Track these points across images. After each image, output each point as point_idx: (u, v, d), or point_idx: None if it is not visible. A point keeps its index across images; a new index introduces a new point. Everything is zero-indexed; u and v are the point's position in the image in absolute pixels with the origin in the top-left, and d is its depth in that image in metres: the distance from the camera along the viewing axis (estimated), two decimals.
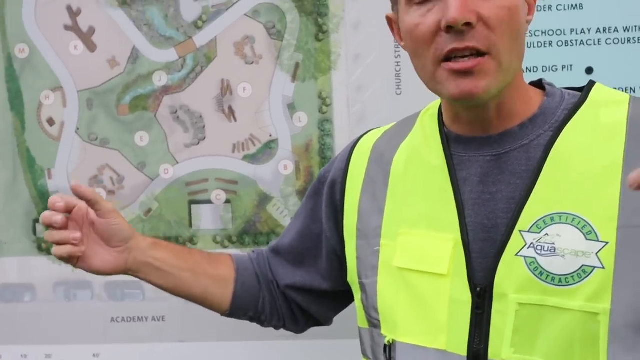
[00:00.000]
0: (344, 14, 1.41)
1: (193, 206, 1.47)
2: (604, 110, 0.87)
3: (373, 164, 1.01)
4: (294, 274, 1.14)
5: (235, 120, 1.45)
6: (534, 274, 0.83)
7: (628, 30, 1.36)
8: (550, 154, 0.86)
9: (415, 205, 0.94)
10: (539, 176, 0.85)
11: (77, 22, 1.46)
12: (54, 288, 1.51)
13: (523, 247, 0.84)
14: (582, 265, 0.81)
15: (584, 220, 0.82)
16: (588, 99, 0.89)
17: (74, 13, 1.46)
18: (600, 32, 1.37)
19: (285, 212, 1.45)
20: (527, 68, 1.38)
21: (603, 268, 0.80)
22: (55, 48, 1.47)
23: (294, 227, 1.15)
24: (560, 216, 0.83)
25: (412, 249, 0.93)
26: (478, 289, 0.86)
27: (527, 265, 0.83)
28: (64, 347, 1.51)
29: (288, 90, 1.43)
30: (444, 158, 0.92)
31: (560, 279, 0.82)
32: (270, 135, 1.45)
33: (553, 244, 0.82)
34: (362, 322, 1.03)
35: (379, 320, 0.97)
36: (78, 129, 1.48)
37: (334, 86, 1.42)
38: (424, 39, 0.84)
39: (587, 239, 0.81)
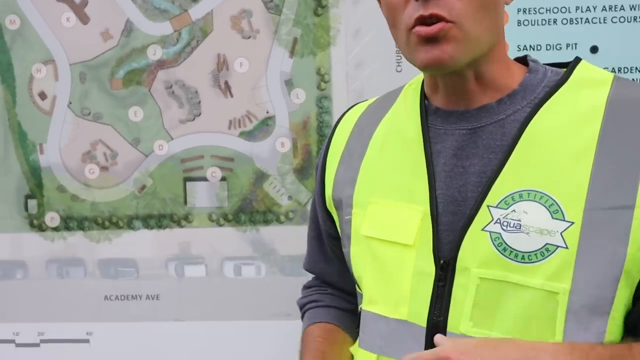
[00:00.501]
0: None
1: (188, 183, 1.44)
2: (585, 92, 0.86)
3: (353, 138, 1.01)
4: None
5: (232, 96, 1.42)
6: (498, 250, 0.83)
7: (634, 9, 1.33)
8: (525, 131, 0.85)
9: (388, 176, 0.93)
10: (511, 152, 0.85)
11: None
12: (46, 265, 1.49)
13: (489, 223, 0.84)
14: (546, 244, 0.81)
15: (552, 198, 0.81)
16: (570, 77, 0.88)
17: None
18: (605, 10, 1.34)
19: (282, 190, 1.43)
20: (530, 46, 1.35)
21: (566, 248, 0.80)
22: (47, 20, 1.43)
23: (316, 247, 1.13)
24: (528, 193, 0.83)
25: (381, 219, 0.93)
26: (442, 261, 0.86)
27: (492, 241, 0.83)
28: (56, 325, 1.49)
29: (286, 66, 1.40)
30: (420, 130, 0.92)
31: (523, 255, 0.82)
32: (267, 112, 1.42)
33: (519, 220, 0.82)
34: (357, 288, 1.02)
35: (361, 289, 0.98)
36: (70, 103, 1.44)
37: (332, 62, 1.39)
38: (396, 7, 0.86)
39: (553, 218, 0.81)
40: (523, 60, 0.93)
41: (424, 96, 0.95)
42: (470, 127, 0.88)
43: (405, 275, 0.89)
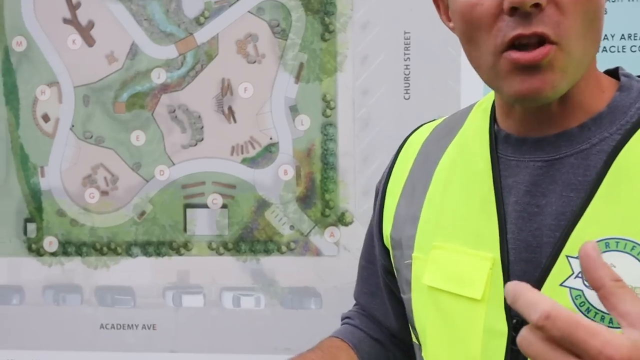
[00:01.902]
0: (352, 12, 1.34)
1: (188, 210, 1.41)
2: None
3: (417, 167, 0.89)
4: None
5: (235, 121, 1.39)
6: (580, 310, 0.70)
7: None
8: (613, 163, 0.71)
9: (454, 215, 0.81)
10: (596, 190, 0.71)
11: (77, 16, 1.41)
12: (43, 291, 1.45)
13: (569, 277, 0.70)
14: None
15: None
16: None
17: (73, 6, 1.41)
18: None
19: (284, 220, 1.38)
20: None
21: None
22: (53, 42, 1.42)
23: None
24: (617, 242, 0.69)
25: (445, 267, 0.80)
26: (514, 320, 0.73)
27: (573, 299, 0.70)
28: (51, 354, 1.45)
29: (291, 91, 1.36)
30: (490, 162, 0.79)
31: (611, 319, 0.66)
32: (271, 139, 1.38)
33: None
34: (414, 338, 0.91)
35: (419, 340, 0.87)
36: (73, 126, 1.42)
37: (339, 89, 1.35)
38: (482, 22, 0.71)
39: None
40: (614, 73, 0.79)
41: (493, 119, 0.82)
42: (548, 158, 0.75)
43: (474, 334, 0.76)
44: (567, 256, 0.71)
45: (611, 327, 0.63)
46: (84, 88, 1.42)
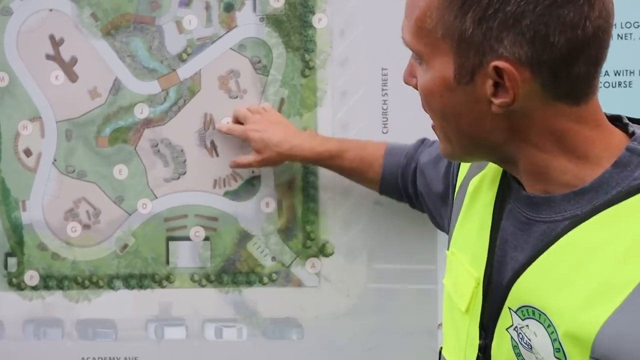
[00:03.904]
0: (331, 50, 1.38)
1: (171, 243, 1.42)
2: None
3: (471, 170, 0.96)
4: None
5: (217, 155, 1.41)
6: (517, 358, 0.78)
7: None
8: (560, 239, 0.74)
9: (468, 230, 0.90)
10: (538, 257, 0.76)
11: (59, 52, 1.43)
12: (23, 325, 1.45)
13: (510, 327, 0.78)
14: None
15: (557, 332, 0.71)
16: None
17: (56, 42, 1.43)
18: None
19: (265, 251, 1.41)
20: None
21: None
22: (36, 77, 1.43)
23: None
24: (540, 314, 0.74)
25: (454, 273, 0.92)
26: (481, 341, 0.83)
27: (512, 347, 0.78)
28: None
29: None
30: (494, 199, 0.85)
31: None
32: (253, 172, 1.41)
33: (530, 340, 0.75)
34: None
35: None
36: (55, 160, 1.43)
37: (319, 123, 1.39)
38: None
39: (555, 355, 0.72)
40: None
41: None
42: (530, 216, 0.79)
43: (463, 338, 0.87)
44: (509, 308, 0.78)
45: None
46: (66, 123, 1.43)
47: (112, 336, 1.43)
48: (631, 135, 0.77)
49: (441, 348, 0.97)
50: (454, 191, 1.01)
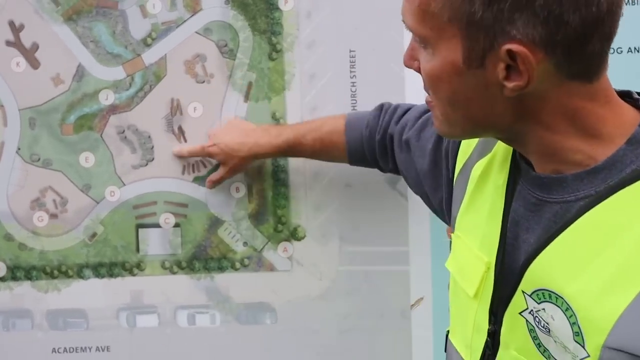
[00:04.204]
0: (298, 32, 1.37)
1: (140, 230, 1.41)
2: None
3: (474, 154, 0.94)
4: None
5: (186, 140, 1.40)
6: (534, 343, 0.76)
7: None
8: (577, 220, 0.72)
9: (475, 213, 0.88)
10: (553, 240, 0.74)
11: (20, 38, 1.39)
12: None
13: (525, 310, 0.76)
14: None
15: (576, 316, 0.70)
16: None
17: (16, 28, 1.39)
18: None
19: (237, 237, 1.40)
20: None
21: None
22: None
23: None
24: (557, 297, 0.72)
25: (459, 257, 0.90)
26: (490, 327, 0.81)
27: (529, 331, 0.76)
28: None
29: (240, 110, 1.38)
30: (506, 181, 0.84)
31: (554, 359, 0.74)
32: None
33: (548, 324, 0.73)
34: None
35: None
36: (19, 149, 1.40)
37: (288, 106, 1.38)
38: None
39: (574, 339, 0.71)
40: None
41: None
42: (541, 197, 0.78)
43: (469, 325, 0.86)
44: (522, 291, 0.76)
45: None
46: (29, 111, 1.40)
47: (83, 326, 1.42)
48: None
49: (447, 332, 0.96)
50: (453, 173, 0.99)
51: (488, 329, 0.82)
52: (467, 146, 0.96)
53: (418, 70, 0.79)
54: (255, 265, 1.40)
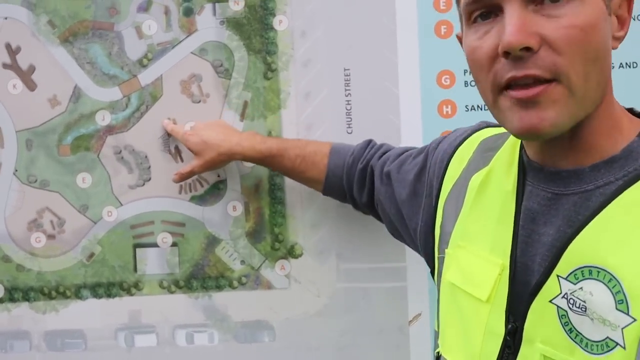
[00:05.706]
0: (293, 51, 1.38)
1: (138, 250, 1.41)
2: None
3: (467, 169, 0.95)
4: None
5: (182, 160, 1.40)
6: (564, 329, 0.75)
7: None
8: (613, 201, 0.74)
9: (479, 222, 0.88)
10: (590, 222, 0.74)
11: (17, 60, 1.40)
12: None
13: (557, 296, 0.75)
14: (607, 337, 0.71)
15: (620, 284, 0.70)
16: None
17: (12, 51, 1.40)
18: None
19: (234, 255, 1.40)
20: (478, 106, 1.37)
21: (624, 348, 0.69)
22: None
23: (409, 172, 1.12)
24: (598, 271, 0.72)
25: (465, 267, 0.88)
26: (510, 325, 0.80)
27: (559, 318, 0.75)
28: None
29: (236, 129, 1.39)
30: (516, 185, 0.84)
31: (588, 343, 0.72)
32: (219, 176, 1.40)
33: (584, 302, 0.73)
34: (436, 325, 1.00)
35: (438, 328, 0.96)
36: (16, 170, 1.41)
37: (283, 125, 1.39)
38: (481, 65, 0.75)
39: (617, 308, 0.70)
40: None
41: (522, 146, 0.88)
42: (557, 191, 0.79)
43: (478, 332, 0.84)
44: (558, 275, 0.76)
45: (587, 351, 0.72)
46: (26, 132, 1.41)
47: (81, 346, 1.42)
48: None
49: (437, 353, 0.94)
50: (437, 199, 1.00)
51: (507, 329, 0.80)
52: (454, 170, 0.98)
53: (538, 45, 0.71)
54: (253, 283, 1.41)
